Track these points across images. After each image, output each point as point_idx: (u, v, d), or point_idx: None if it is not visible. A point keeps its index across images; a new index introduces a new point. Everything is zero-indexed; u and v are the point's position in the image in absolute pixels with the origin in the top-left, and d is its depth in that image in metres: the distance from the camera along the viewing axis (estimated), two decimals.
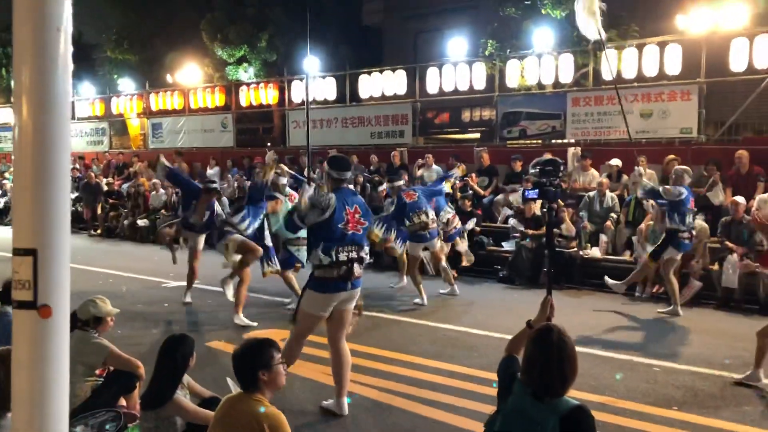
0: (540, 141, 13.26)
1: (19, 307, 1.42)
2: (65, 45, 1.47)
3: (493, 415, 2.91)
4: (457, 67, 14.14)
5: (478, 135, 15.45)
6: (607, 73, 12.14)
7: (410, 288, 8.94)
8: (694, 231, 8.14)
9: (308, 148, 7.98)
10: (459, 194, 11.82)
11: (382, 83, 15.30)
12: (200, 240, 8.72)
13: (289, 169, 9.57)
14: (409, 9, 21.57)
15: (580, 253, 10.10)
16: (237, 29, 18.87)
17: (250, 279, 7.85)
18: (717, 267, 8.76)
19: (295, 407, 5.02)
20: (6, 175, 20.06)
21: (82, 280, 10.18)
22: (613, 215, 10.47)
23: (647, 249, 9.31)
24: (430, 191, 8.96)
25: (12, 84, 1.49)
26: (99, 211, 16.64)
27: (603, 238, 10.31)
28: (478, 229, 11.23)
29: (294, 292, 8.44)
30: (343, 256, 4.83)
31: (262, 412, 3.03)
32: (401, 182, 8.97)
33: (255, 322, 7.59)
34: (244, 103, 17.86)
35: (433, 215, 8.60)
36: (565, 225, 10.19)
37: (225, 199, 9.18)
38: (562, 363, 2.73)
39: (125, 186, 17.08)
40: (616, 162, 11.19)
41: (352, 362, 5.17)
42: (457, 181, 10.68)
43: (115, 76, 23.17)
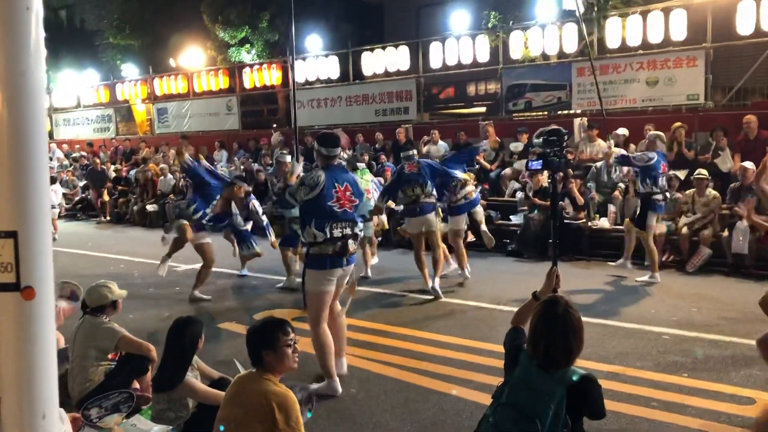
0: (546, 113, 13.16)
1: (2, 289, 1.42)
2: (36, 27, 1.45)
3: (500, 386, 2.93)
4: (460, 40, 14.00)
5: (483, 109, 15.36)
6: (613, 42, 12.01)
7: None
8: (668, 194, 8.46)
9: (295, 127, 7.71)
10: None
11: (385, 60, 15.19)
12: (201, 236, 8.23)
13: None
14: None
15: (589, 224, 10.07)
16: (237, 10, 18.71)
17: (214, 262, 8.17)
18: (727, 233, 8.71)
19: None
20: None
21: (93, 266, 10.28)
22: (621, 185, 10.41)
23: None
24: (435, 170, 8.13)
25: None
26: (106, 197, 16.71)
27: (611, 208, 10.27)
28: (484, 202, 11.20)
29: (287, 271, 8.49)
30: (337, 233, 4.88)
31: (270, 390, 3.05)
32: (411, 152, 8.33)
33: (209, 296, 8.05)
34: (247, 85, 17.80)
35: (431, 189, 7.90)
36: (576, 197, 10.15)
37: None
38: (568, 335, 2.74)
39: (133, 172, 17.13)
40: (623, 131, 11.10)
41: (362, 339, 5.21)
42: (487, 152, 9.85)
43: (119, 61, 23.12)
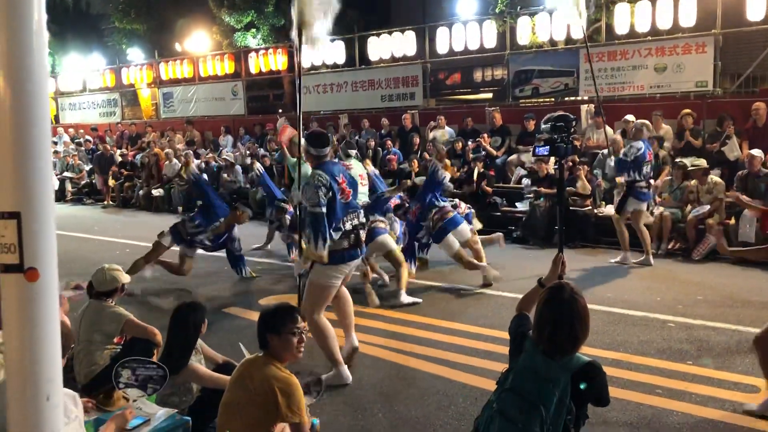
0: (552, 99, 13.08)
1: (6, 270, 1.41)
2: (39, 6, 1.43)
3: (504, 372, 2.92)
4: (467, 26, 13.90)
5: (490, 95, 15.25)
6: (621, 27, 11.91)
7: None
8: (653, 181, 8.64)
9: (299, 118, 7.77)
10: (471, 155, 11.75)
11: (391, 45, 15.10)
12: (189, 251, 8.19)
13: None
14: None
15: (594, 211, 10.04)
16: None
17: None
18: (733, 221, 8.67)
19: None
20: None
21: (100, 251, 10.32)
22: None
23: (666, 205, 9.30)
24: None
25: None
26: (112, 182, 16.74)
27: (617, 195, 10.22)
28: (490, 189, 11.19)
29: (299, 251, 8.52)
30: (349, 225, 4.94)
31: (273, 375, 3.06)
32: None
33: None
34: (253, 69, 17.73)
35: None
36: (581, 183, 10.10)
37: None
38: (573, 321, 2.73)
39: (139, 156, 17.14)
40: (630, 118, 11.02)
41: (367, 324, 5.22)
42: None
43: (124, 46, 23.08)
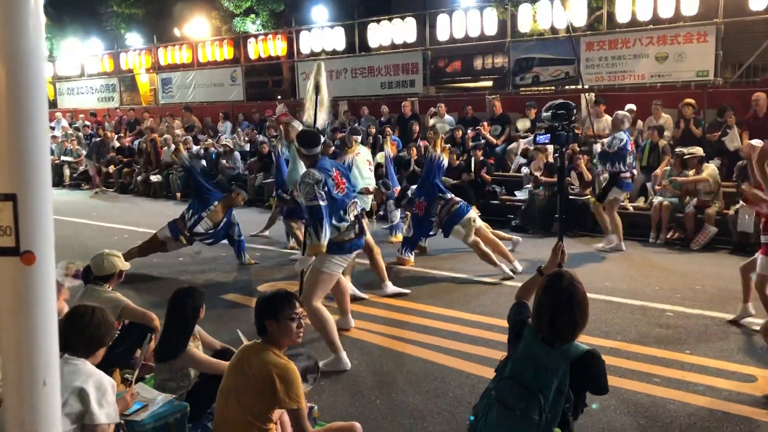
0: (553, 87, 13.04)
1: (1, 253, 1.39)
2: None
3: (503, 360, 2.92)
4: (467, 13, 13.81)
5: (490, 83, 15.24)
6: (623, 16, 11.85)
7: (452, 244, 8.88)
8: (635, 171, 8.81)
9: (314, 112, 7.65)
10: (471, 144, 11.71)
11: (391, 32, 15.01)
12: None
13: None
14: None
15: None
16: None
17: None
18: (733, 212, 8.67)
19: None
20: None
21: (98, 236, 10.31)
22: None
23: (664, 194, 9.30)
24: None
25: None
26: (111, 168, 16.68)
27: None
28: (489, 178, 11.16)
29: (295, 239, 8.65)
30: (351, 216, 5.03)
31: (272, 362, 3.06)
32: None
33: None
34: (252, 55, 17.64)
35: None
36: (585, 173, 10.10)
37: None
38: (572, 309, 2.73)
39: (137, 142, 17.08)
40: (631, 107, 11.00)
41: (363, 311, 5.25)
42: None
43: (123, 30, 22.94)
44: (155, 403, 3.50)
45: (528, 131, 11.78)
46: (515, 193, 11.10)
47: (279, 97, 18.24)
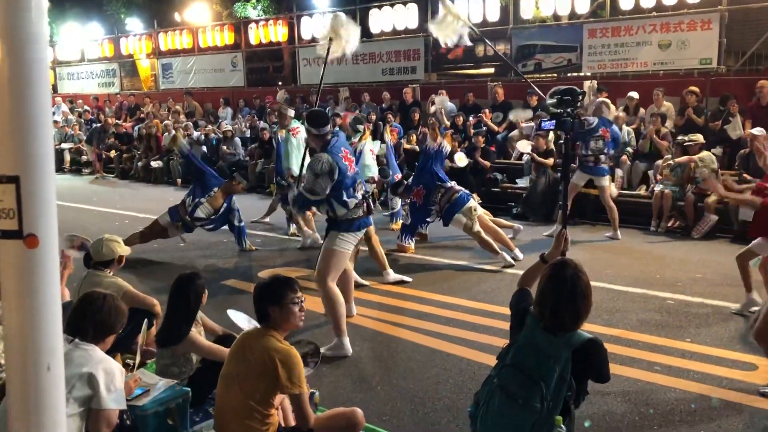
0: (555, 75, 12.97)
1: (4, 236, 1.37)
2: None
3: (505, 347, 2.93)
4: None
5: (492, 70, 15.11)
6: (626, 3, 11.76)
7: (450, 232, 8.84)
8: (603, 156, 8.63)
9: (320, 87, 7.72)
10: (472, 130, 11.67)
11: (393, 18, 14.90)
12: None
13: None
14: None
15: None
16: None
17: None
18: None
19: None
20: None
21: (99, 221, 10.30)
22: (629, 149, 10.32)
23: (665, 183, 9.27)
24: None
25: None
26: (103, 154, 16.62)
27: (618, 172, 10.18)
28: (488, 164, 11.12)
29: (296, 225, 8.70)
30: (359, 195, 5.09)
31: (273, 347, 3.06)
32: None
33: None
34: (253, 41, 17.54)
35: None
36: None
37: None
38: (575, 298, 2.72)
39: (137, 127, 17.02)
40: (634, 95, 10.96)
41: (365, 298, 5.27)
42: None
43: (123, 15, 22.82)
44: (157, 388, 3.50)
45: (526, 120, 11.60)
46: (516, 180, 11.08)
47: (280, 83, 18.16)
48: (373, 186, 8.06)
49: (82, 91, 21.84)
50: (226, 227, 8.34)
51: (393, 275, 6.89)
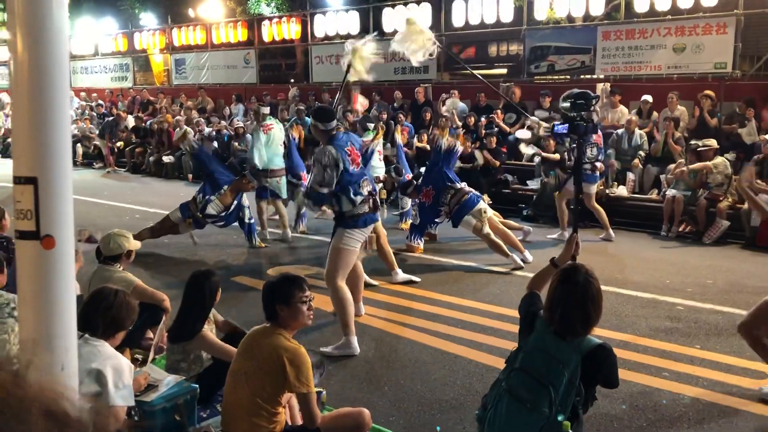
0: (568, 77, 12.91)
1: (22, 237, 1.37)
2: None
3: (514, 351, 2.92)
4: None
5: (504, 70, 15.07)
6: (641, 5, 11.69)
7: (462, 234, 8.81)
8: (599, 164, 8.61)
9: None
10: (484, 131, 11.64)
11: (406, 16, 14.85)
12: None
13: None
14: None
15: (607, 191, 9.96)
16: None
17: None
18: (746, 206, 8.58)
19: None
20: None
21: (110, 216, 10.35)
22: (641, 153, 10.27)
23: (677, 187, 9.21)
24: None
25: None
26: (115, 147, 16.69)
27: (630, 176, 10.15)
28: (498, 162, 11.09)
29: (283, 224, 8.86)
30: (365, 191, 5.11)
31: (282, 345, 3.06)
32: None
33: None
34: (266, 38, 17.55)
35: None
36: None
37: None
38: (586, 304, 2.71)
39: (150, 122, 17.08)
40: (647, 98, 10.90)
41: (374, 298, 5.28)
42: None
43: (137, 10, 22.87)
44: (165, 384, 3.52)
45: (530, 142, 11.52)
46: (527, 182, 11.05)
47: (292, 80, 18.15)
48: (380, 185, 8.05)
49: (96, 85, 21.93)
50: (235, 224, 8.36)
51: (402, 275, 6.88)
